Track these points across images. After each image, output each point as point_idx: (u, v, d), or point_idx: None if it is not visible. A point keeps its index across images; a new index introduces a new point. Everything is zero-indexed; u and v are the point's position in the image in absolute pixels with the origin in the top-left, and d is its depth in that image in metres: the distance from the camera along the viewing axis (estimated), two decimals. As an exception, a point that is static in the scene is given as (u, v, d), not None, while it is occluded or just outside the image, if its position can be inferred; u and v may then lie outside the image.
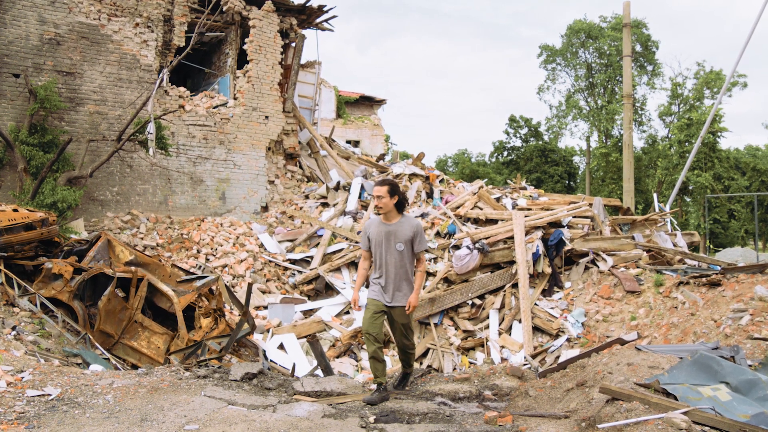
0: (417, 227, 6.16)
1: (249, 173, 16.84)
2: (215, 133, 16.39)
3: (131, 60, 15.21)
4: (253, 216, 16.61)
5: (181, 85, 17.30)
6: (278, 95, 17.58)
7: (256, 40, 17.20)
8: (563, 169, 44.44)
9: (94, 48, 14.72)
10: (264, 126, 17.22)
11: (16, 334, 7.64)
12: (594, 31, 43.37)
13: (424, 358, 11.78)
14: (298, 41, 18.48)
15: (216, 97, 17.07)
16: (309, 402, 5.84)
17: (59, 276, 9.06)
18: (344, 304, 12.60)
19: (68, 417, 4.95)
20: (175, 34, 16.02)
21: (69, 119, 14.36)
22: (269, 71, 17.40)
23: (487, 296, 12.54)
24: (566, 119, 45.97)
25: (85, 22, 14.59)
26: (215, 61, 18.83)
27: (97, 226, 14.00)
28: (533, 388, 6.31)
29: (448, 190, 16.88)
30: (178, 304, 8.82)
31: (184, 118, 15.95)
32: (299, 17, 18.44)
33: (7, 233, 9.40)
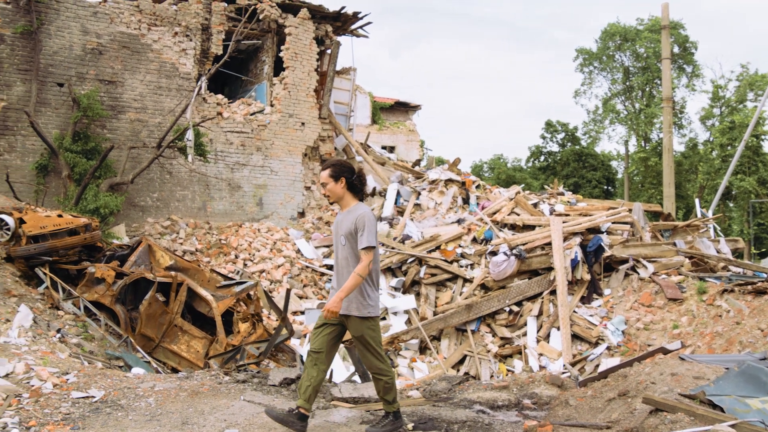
0: (361, 217, 4.82)
1: (286, 179, 16.97)
2: (252, 139, 16.56)
3: (170, 68, 15.45)
4: (289, 221, 16.72)
5: (219, 93, 17.53)
6: (314, 102, 17.69)
7: (292, 47, 17.35)
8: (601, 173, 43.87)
9: (134, 57, 15.00)
10: (300, 132, 17.34)
11: (61, 336, 7.80)
12: (630, 34, 42.81)
13: (461, 365, 11.74)
14: (333, 48, 18.59)
15: (253, 104, 17.25)
16: (347, 408, 5.85)
17: (102, 280, 9.23)
18: (380, 310, 12.61)
19: (111, 419, 5.03)
20: (212, 43, 16.24)
21: (111, 127, 14.64)
22: (305, 78, 17.53)
23: (524, 303, 12.45)
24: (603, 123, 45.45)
25: (126, 32, 14.87)
26: (252, 69, 19.03)
27: (138, 232, 14.23)
28: (573, 398, 6.23)
29: (485, 195, 16.79)
30: (216, 308, 8.91)
31: (221, 125, 16.15)
32: (334, 24, 18.55)
33: (53, 238, 9.61)
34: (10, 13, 13.56)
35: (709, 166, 37.16)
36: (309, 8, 17.66)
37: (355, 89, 21.90)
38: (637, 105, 43.92)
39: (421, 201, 16.36)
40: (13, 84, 13.59)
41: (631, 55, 43.79)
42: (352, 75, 21.37)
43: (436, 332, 12.08)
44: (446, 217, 15.57)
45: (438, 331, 12.09)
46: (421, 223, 15.42)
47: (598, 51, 44.64)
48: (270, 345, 8.56)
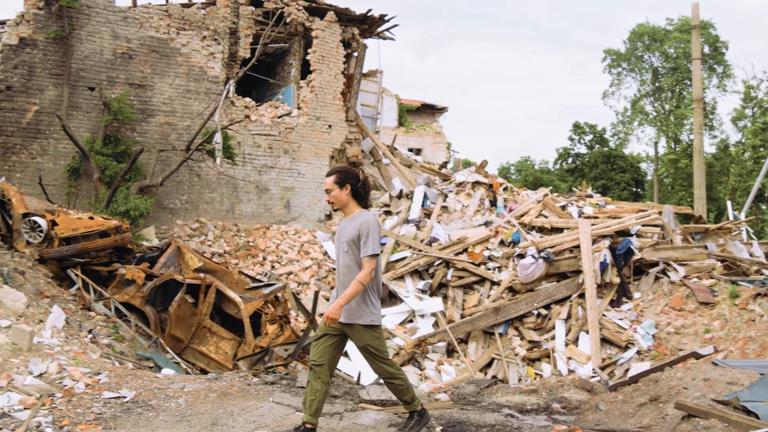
0: (365, 224, 4.77)
1: (313, 181, 17.03)
2: (280, 142, 16.64)
3: (199, 72, 15.60)
4: (317, 224, 16.78)
5: (246, 96, 17.65)
6: (341, 104, 17.74)
7: (319, 50, 17.42)
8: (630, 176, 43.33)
9: (163, 61, 15.17)
10: (327, 135, 17.40)
11: (93, 337, 7.90)
12: (658, 34, 42.29)
13: (489, 368, 11.66)
14: (360, 51, 18.63)
15: (280, 107, 17.34)
16: (375, 410, 5.84)
17: (132, 282, 9.34)
18: (407, 312, 12.58)
19: (142, 419, 5.08)
20: (240, 46, 16.36)
21: (140, 130, 14.81)
22: (332, 81, 17.59)
23: (552, 306, 12.35)
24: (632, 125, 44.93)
25: (155, 37, 15.04)
26: (279, 72, 19.14)
27: (167, 234, 14.38)
28: (604, 402, 6.16)
29: (512, 198, 16.69)
30: (245, 310, 8.96)
31: (249, 128, 16.26)
32: (361, 27, 18.59)
33: (84, 240, 9.75)
34: (43, 19, 13.79)
35: (741, 167, 36.53)
36: (335, 11, 17.72)
37: (382, 92, 21.92)
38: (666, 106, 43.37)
39: (448, 203, 16.31)
40: (45, 88, 13.82)
41: (661, 56, 43.25)
42: (379, 77, 21.39)
43: (464, 335, 12.02)
44: (473, 219, 15.50)
45: (465, 334, 12.03)
46: (448, 225, 15.37)
47: (627, 52, 44.17)
48: (298, 347, 8.58)
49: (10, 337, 6.07)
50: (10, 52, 13.56)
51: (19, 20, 13.73)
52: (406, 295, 12.92)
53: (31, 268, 9.27)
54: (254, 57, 15.95)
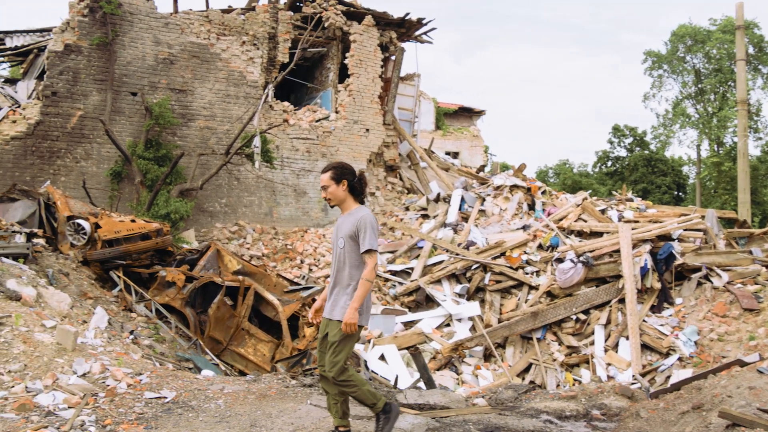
0: (362, 219, 4.64)
1: (350, 185, 17.05)
2: (318, 146, 16.74)
3: (238, 77, 15.78)
4: (354, 227, 16.79)
5: (285, 100, 17.80)
6: (378, 108, 17.78)
7: (356, 54, 17.49)
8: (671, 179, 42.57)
9: (204, 66, 15.38)
10: (365, 138, 17.45)
11: (134, 338, 8.03)
12: (700, 35, 41.49)
13: (527, 373, 11.55)
14: (397, 54, 18.65)
15: (318, 111, 17.45)
16: (412, 415, 5.82)
17: (172, 284, 9.48)
18: (445, 316, 12.53)
19: (183, 420, 5.14)
20: (279, 51, 16.52)
21: (181, 134, 15.04)
22: (370, 84, 17.64)
23: (592, 311, 12.17)
24: (674, 127, 44.13)
25: (196, 42, 15.27)
26: (317, 76, 19.26)
27: (207, 237, 14.56)
28: (645, 409, 6.05)
29: (551, 201, 16.52)
30: (282, 313, 9.03)
31: (288, 132, 16.39)
32: (398, 30, 18.62)
33: (126, 242, 9.93)
34: (87, 26, 14.10)
35: (786, 170, 35.69)
36: (373, 15, 17.78)
37: (419, 95, 21.91)
38: (709, 108, 42.52)
39: (486, 207, 16.21)
40: (89, 94, 14.12)
41: (703, 57, 42.43)
42: (416, 81, 21.39)
43: (501, 340, 11.93)
44: (511, 223, 15.38)
45: (503, 339, 11.94)
46: (486, 229, 15.28)
47: (668, 53, 43.42)
48: (335, 350, 8.59)
49: (56, 337, 6.21)
50: (55, 59, 13.89)
51: (64, 27, 14.06)
52: (443, 298, 12.87)
53: (75, 270, 9.47)
54: (293, 61, 16.10)
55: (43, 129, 13.74)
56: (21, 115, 13.90)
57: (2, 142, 13.38)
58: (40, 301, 7.36)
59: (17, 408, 4.81)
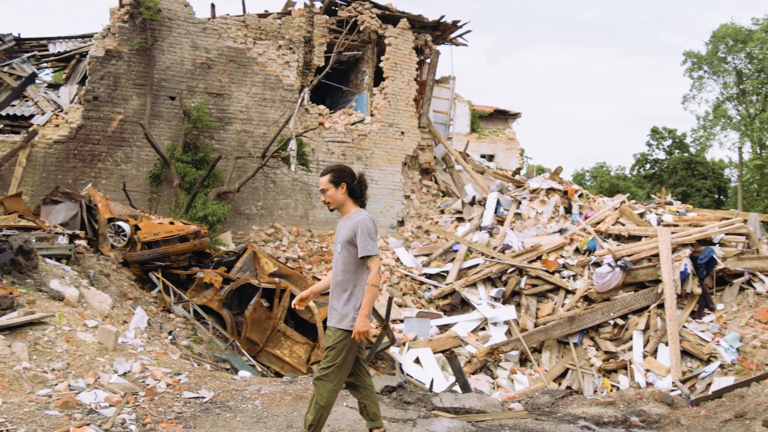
0: (359, 224, 4.48)
1: (385, 188, 17.11)
2: (353, 149, 16.80)
3: (274, 81, 15.92)
4: (389, 230, 16.84)
5: (320, 103, 17.90)
6: (414, 111, 17.78)
7: (391, 57, 17.51)
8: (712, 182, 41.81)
9: (240, 70, 15.54)
10: (400, 141, 17.46)
11: (172, 338, 8.14)
12: (741, 35, 40.66)
13: (563, 378, 11.43)
14: (432, 57, 18.62)
15: (353, 114, 17.50)
16: (448, 418, 5.80)
17: (210, 285, 9.58)
18: (480, 320, 12.47)
19: (221, 420, 5.19)
20: (314, 55, 16.61)
21: (218, 138, 15.22)
22: (405, 88, 17.65)
23: (630, 316, 12.00)
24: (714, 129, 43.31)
25: (233, 47, 15.44)
26: (353, 79, 19.33)
27: (244, 239, 14.69)
28: (685, 417, 5.94)
29: (588, 205, 16.33)
30: (318, 315, 9.06)
31: (323, 135, 16.47)
32: (433, 33, 18.60)
33: (165, 244, 10.07)
34: (127, 32, 14.35)
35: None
36: (408, 18, 17.79)
37: (454, 98, 21.85)
38: (751, 110, 41.65)
39: (522, 210, 16.10)
40: (129, 98, 14.37)
41: (745, 58, 41.57)
42: (452, 84, 21.34)
43: (537, 344, 11.83)
44: (547, 226, 15.25)
45: (539, 343, 11.83)
46: (522, 232, 15.17)
47: (708, 54, 42.65)
48: (372, 352, 8.62)
49: (97, 336, 6.32)
50: (97, 64, 14.16)
51: (105, 33, 14.33)
52: (479, 302, 12.80)
53: (115, 271, 9.64)
54: (328, 65, 16.18)
55: (85, 133, 14.02)
56: (63, 119, 14.20)
57: (46, 145, 13.68)
58: (82, 301, 7.50)
59: (61, 405, 4.91)
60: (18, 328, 5.93)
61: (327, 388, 4.37)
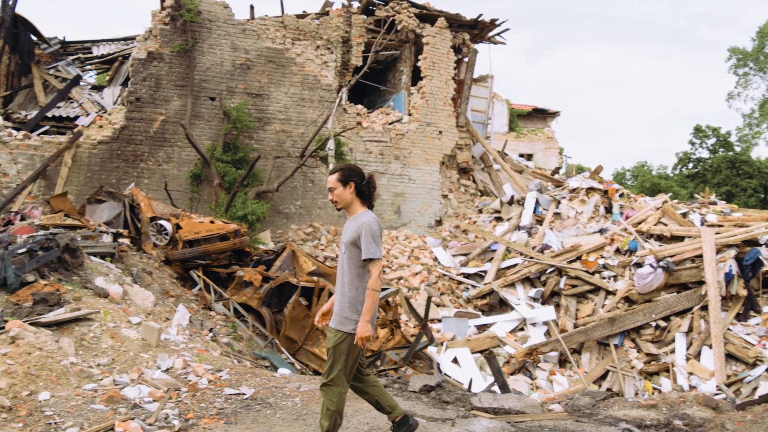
0: (363, 225, 4.40)
1: (423, 187, 17.09)
2: (391, 148, 16.81)
3: (313, 80, 16.01)
4: (427, 230, 16.81)
5: (358, 103, 17.95)
6: (451, 110, 17.72)
7: (429, 56, 17.48)
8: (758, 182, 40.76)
9: (279, 71, 15.67)
10: (438, 141, 17.42)
11: (213, 335, 8.25)
12: (789, 30, 39.67)
13: (603, 380, 11.29)
14: (470, 56, 18.54)
15: (391, 114, 17.52)
16: (487, 418, 5.77)
17: (249, 283, 9.68)
18: (519, 320, 12.38)
19: (261, 416, 5.24)
20: (352, 55, 16.67)
21: (257, 137, 15.37)
22: (442, 87, 17.60)
23: (672, 318, 11.79)
24: (760, 127, 42.30)
25: (271, 47, 15.57)
26: (390, 79, 19.34)
27: (282, 238, 14.81)
28: (731, 421, 5.81)
29: (629, 204, 16.09)
30: (356, 313, 9.07)
31: (361, 135, 16.52)
32: (471, 32, 18.50)
33: (205, 243, 10.21)
34: (168, 33, 14.58)
35: None
36: (446, 17, 17.73)
37: (493, 97, 21.71)
38: (799, 107, 40.62)
39: (561, 210, 15.93)
40: (170, 99, 14.59)
41: (793, 53, 40.55)
42: (490, 82, 21.20)
43: (577, 345, 11.70)
44: (587, 226, 15.06)
45: (578, 344, 11.70)
46: (561, 232, 15.01)
47: (754, 50, 41.68)
48: (411, 351, 8.62)
49: (141, 333, 6.44)
50: (139, 66, 14.42)
51: (147, 35, 14.58)
52: (517, 302, 12.71)
53: (157, 269, 9.80)
54: (366, 65, 16.23)
55: (128, 133, 14.28)
56: (107, 120, 14.50)
57: (90, 146, 13.97)
58: (125, 298, 7.64)
59: (106, 400, 5.01)
60: (65, 324, 6.07)
61: (335, 392, 4.35)
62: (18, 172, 13.45)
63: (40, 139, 13.79)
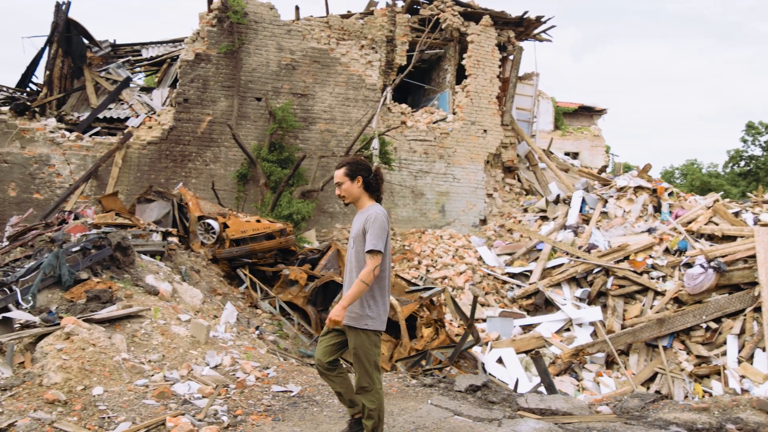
0: (371, 218, 4.33)
1: (468, 186, 17.01)
2: (435, 147, 16.77)
3: (357, 80, 16.07)
4: (471, 229, 16.73)
5: (402, 102, 17.96)
6: (496, 109, 17.60)
7: (474, 54, 17.39)
8: (812, 179, 39.59)
9: (324, 71, 15.77)
10: (482, 139, 17.32)
11: (259, 333, 8.34)
12: None
13: (651, 382, 11.08)
14: (515, 54, 18.38)
15: (435, 113, 17.48)
16: (534, 419, 5.71)
17: (295, 282, 9.76)
18: (564, 320, 12.23)
19: (308, 413, 5.28)
20: (397, 54, 16.68)
21: (302, 137, 15.49)
22: (487, 85, 17.49)
23: (723, 320, 11.50)
24: (818, 124, 41.02)
25: (316, 47, 15.68)
26: (434, 78, 19.30)
27: (327, 237, 14.91)
28: (788, 426, 5.65)
29: (678, 203, 15.75)
30: (401, 312, 9.08)
31: (405, 134, 16.52)
32: (516, 29, 18.35)
33: (252, 242, 10.33)
34: (215, 35, 14.80)
35: None
36: (491, 15, 17.62)
37: (538, 94, 21.50)
38: None
39: (608, 209, 15.68)
40: (217, 100, 14.81)
41: None
42: (535, 80, 21.01)
43: (624, 346, 11.50)
44: (635, 225, 14.79)
45: (626, 346, 11.50)
46: (608, 231, 14.78)
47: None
48: (457, 351, 8.59)
49: (190, 330, 6.55)
50: (187, 67, 14.67)
51: (195, 37, 14.83)
52: (563, 302, 12.56)
53: (205, 267, 9.96)
54: (410, 64, 16.22)
55: (176, 134, 14.54)
56: (156, 121, 14.79)
57: (140, 146, 14.27)
58: (175, 296, 7.79)
59: (157, 395, 5.11)
60: (117, 321, 6.21)
61: (371, 393, 4.33)
62: (71, 172, 13.82)
63: (92, 140, 14.14)
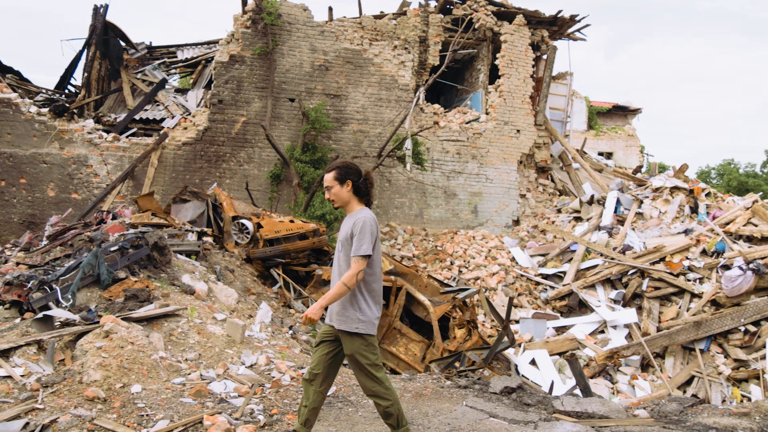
0: (358, 222, 4.29)
1: (501, 187, 16.92)
2: (468, 147, 16.71)
3: (390, 81, 16.08)
4: (504, 229, 16.64)
5: (435, 102, 17.93)
6: (529, 108, 17.47)
7: (507, 54, 17.28)
8: None
9: (357, 71, 15.81)
10: (515, 140, 17.21)
11: (293, 333, 8.39)
12: None
13: (688, 386, 10.92)
14: (549, 53, 18.23)
15: (468, 113, 17.41)
16: (570, 422, 5.66)
17: (328, 282, 9.80)
18: (599, 322, 12.10)
19: (343, 414, 5.30)
20: (429, 54, 16.66)
21: (335, 138, 15.55)
22: (520, 85, 17.37)
23: (762, 323, 11.28)
24: None
25: (349, 48, 15.72)
26: (467, 78, 19.23)
27: (359, 237, 14.91)
28: (831, 431, 5.52)
29: (716, 204, 15.48)
30: (434, 313, 9.07)
31: (438, 134, 16.49)
32: (550, 29, 18.19)
33: (285, 242, 10.40)
34: (249, 37, 14.92)
35: None
36: (524, 14, 17.50)
37: (572, 94, 21.29)
38: None
39: (643, 210, 15.48)
40: (251, 100, 14.93)
41: None
42: (569, 80, 20.80)
43: (660, 349, 11.34)
44: (671, 227, 14.58)
45: (662, 348, 11.35)
46: (644, 233, 14.59)
47: None
48: (491, 352, 8.54)
49: (225, 329, 6.62)
50: (221, 69, 14.82)
51: (229, 39, 14.96)
52: (597, 304, 12.43)
53: (239, 267, 10.05)
54: (443, 64, 16.18)
55: (211, 135, 14.70)
56: (191, 122, 14.97)
57: (175, 147, 14.45)
58: (210, 295, 7.87)
59: (194, 394, 5.17)
60: (154, 320, 6.30)
61: (381, 393, 4.30)
62: (108, 172, 14.04)
63: (129, 141, 14.36)
